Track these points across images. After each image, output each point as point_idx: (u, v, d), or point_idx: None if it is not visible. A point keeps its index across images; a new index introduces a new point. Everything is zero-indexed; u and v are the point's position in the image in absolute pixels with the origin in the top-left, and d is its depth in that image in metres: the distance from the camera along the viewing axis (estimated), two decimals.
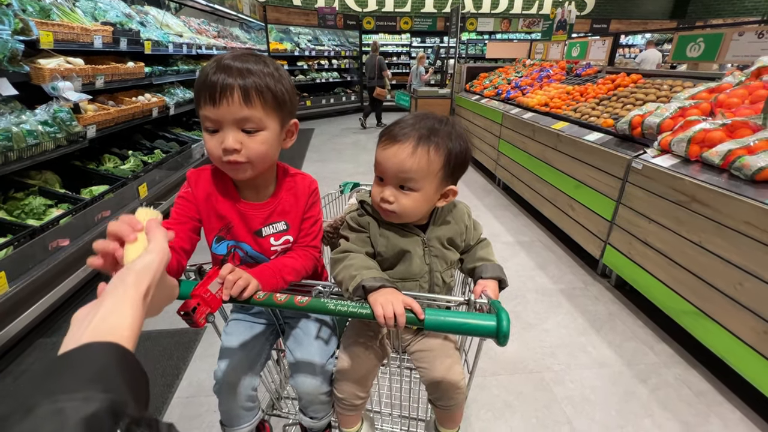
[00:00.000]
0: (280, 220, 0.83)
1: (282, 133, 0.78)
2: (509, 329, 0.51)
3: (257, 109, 0.68)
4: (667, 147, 1.87)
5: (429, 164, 0.73)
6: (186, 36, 4.43)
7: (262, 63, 0.71)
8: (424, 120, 0.77)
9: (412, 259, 0.82)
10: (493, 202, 3.57)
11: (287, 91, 0.74)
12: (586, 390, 1.56)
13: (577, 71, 3.77)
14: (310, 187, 0.87)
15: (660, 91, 2.49)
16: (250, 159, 0.70)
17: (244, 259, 0.85)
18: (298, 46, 7.78)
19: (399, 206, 0.76)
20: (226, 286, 0.63)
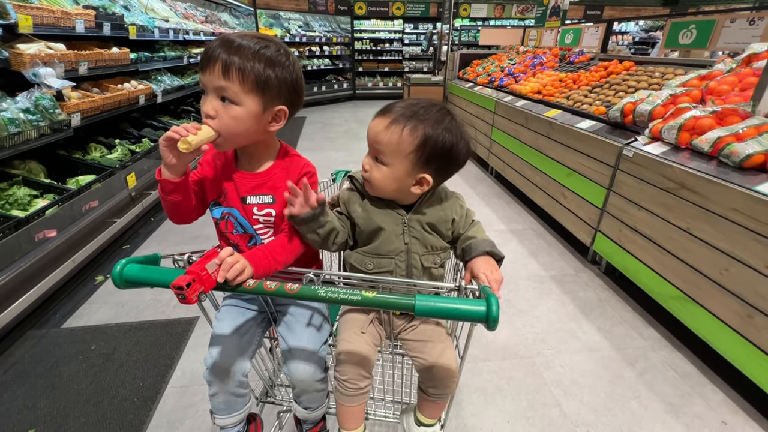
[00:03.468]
0: (268, 194, 0.86)
1: (265, 115, 0.79)
2: (498, 314, 0.51)
3: (234, 84, 0.72)
4: (658, 134, 1.88)
5: (399, 143, 0.75)
6: (172, 21, 4.30)
7: (263, 48, 0.74)
8: (419, 105, 0.77)
9: (387, 236, 0.83)
10: (485, 190, 3.58)
11: (278, 79, 0.75)
12: (575, 374, 1.60)
13: (570, 58, 3.76)
14: (303, 168, 0.88)
15: (652, 79, 2.50)
16: (220, 129, 0.75)
17: (235, 227, 0.88)
18: (288, 32, 7.61)
19: (371, 176, 0.79)
20: (224, 268, 0.64)
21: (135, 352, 1.70)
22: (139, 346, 1.73)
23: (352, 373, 0.84)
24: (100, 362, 1.65)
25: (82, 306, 1.97)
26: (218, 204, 0.88)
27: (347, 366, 0.83)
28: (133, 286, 0.61)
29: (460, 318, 0.53)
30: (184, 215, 0.86)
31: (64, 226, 2.01)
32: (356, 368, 0.83)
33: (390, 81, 9.07)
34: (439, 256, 0.89)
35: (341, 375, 0.85)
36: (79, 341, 1.75)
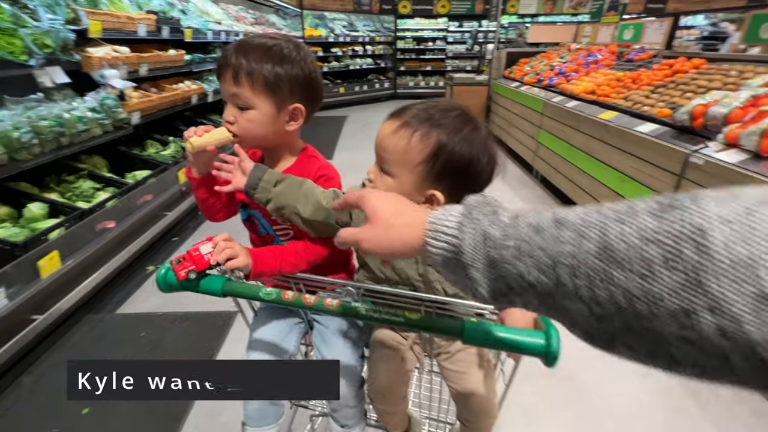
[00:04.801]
0: None
1: (281, 115, 0.78)
2: (560, 349, 0.45)
3: (245, 89, 0.73)
4: (734, 140, 1.68)
5: (406, 151, 0.62)
6: (224, 23, 4.50)
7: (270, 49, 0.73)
8: (436, 107, 0.65)
9: (397, 263, 0.75)
10: (529, 195, 3.42)
11: (287, 78, 0.75)
12: (628, 401, 1.47)
13: (629, 56, 3.49)
14: (319, 171, 0.84)
15: (727, 78, 2.25)
16: (239, 133, 0.77)
17: (260, 231, 0.88)
18: (332, 32, 7.73)
19: (375, 188, 0.67)
20: (216, 251, 0.66)
21: (180, 341, 1.78)
22: (184, 336, 1.81)
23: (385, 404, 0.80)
24: (149, 348, 1.74)
25: (135, 294, 2.10)
26: (245, 206, 0.89)
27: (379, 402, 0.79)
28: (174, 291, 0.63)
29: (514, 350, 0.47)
30: (212, 213, 0.89)
31: (122, 217, 2.14)
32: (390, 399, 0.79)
33: (432, 80, 8.95)
34: None
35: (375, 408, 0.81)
36: (130, 327, 1.86)
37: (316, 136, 5.67)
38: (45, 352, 1.70)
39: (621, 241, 0.27)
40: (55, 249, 1.68)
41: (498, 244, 0.33)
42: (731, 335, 0.23)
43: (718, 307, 0.23)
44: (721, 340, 0.23)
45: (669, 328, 0.25)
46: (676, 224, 0.25)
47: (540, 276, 0.31)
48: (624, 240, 0.27)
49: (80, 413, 1.42)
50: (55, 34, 1.90)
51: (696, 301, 0.24)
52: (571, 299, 0.30)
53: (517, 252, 0.32)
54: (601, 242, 0.28)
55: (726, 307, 0.23)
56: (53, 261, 1.67)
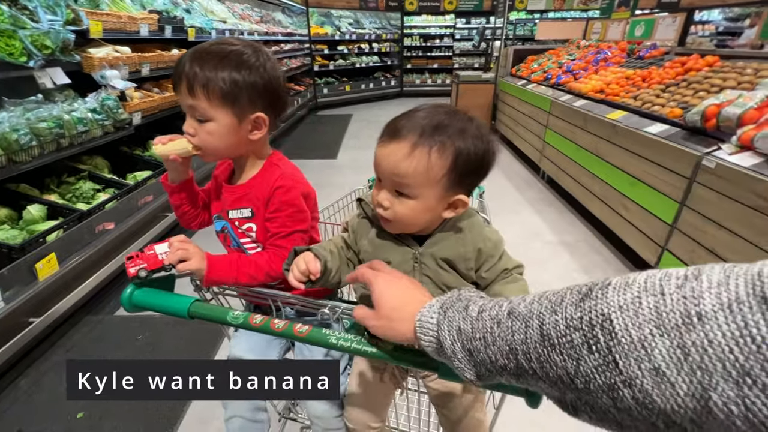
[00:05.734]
0: (248, 207, 0.82)
1: (243, 126, 0.75)
2: None
3: (201, 101, 0.70)
4: (749, 143, 1.61)
5: (428, 169, 0.61)
6: (229, 22, 4.49)
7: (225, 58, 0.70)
8: (433, 114, 0.63)
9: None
10: (535, 196, 3.35)
11: (247, 87, 0.71)
12: None
13: (640, 53, 3.40)
14: (276, 182, 0.78)
15: (742, 77, 2.16)
16: (201, 145, 0.74)
17: (231, 244, 0.86)
18: (338, 29, 7.69)
19: (393, 213, 0.65)
20: (170, 252, 0.66)
21: (178, 343, 1.78)
22: (182, 338, 1.80)
23: (359, 422, 0.75)
24: (148, 350, 1.73)
25: None
26: (220, 217, 0.87)
27: (355, 411, 0.75)
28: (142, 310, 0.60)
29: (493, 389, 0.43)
30: (187, 220, 0.89)
31: (122, 219, 2.14)
32: (365, 415, 0.75)
33: (438, 78, 8.87)
34: None
35: (348, 422, 0.77)
36: (129, 329, 1.86)
37: (320, 134, 5.65)
38: (43, 354, 1.70)
39: (554, 329, 0.33)
40: (53, 251, 1.68)
41: (469, 337, 0.40)
42: (647, 405, 0.27)
43: (630, 381, 0.27)
44: (642, 409, 0.27)
45: (605, 400, 0.29)
46: (591, 312, 0.30)
47: (505, 361, 0.37)
48: (556, 328, 0.32)
49: (75, 417, 1.42)
50: (54, 35, 1.89)
51: (615, 378, 0.28)
52: (532, 377, 0.35)
53: (485, 342, 0.39)
54: (540, 330, 0.34)
55: (636, 381, 0.27)
56: (51, 263, 1.67)
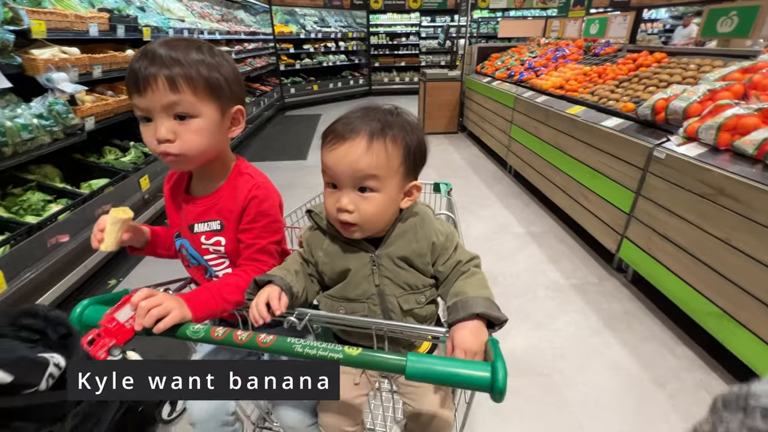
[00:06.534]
0: (216, 219, 0.77)
1: (224, 122, 0.72)
2: (506, 384, 0.43)
3: (187, 95, 0.65)
4: (694, 134, 1.72)
5: (389, 159, 0.65)
6: (188, 21, 4.32)
7: (194, 50, 0.67)
8: (373, 112, 0.67)
9: (353, 277, 0.72)
10: (503, 191, 3.45)
11: (225, 78, 0.69)
12: (599, 394, 1.49)
13: (596, 50, 3.55)
14: (251, 192, 0.75)
15: (686, 72, 2.31)
16: (183, 151, 0.68)
17: (189, 259, 0.82)
18: (303, 28, 7.57)
19: (360, 216, 0.65)
20: (139, 314, 0.56)
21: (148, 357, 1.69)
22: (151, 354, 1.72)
23: (332, 426, 0.75)
24: None
25: None
26: (178, 235, 0.82)
27: (328, 416, 0.75)
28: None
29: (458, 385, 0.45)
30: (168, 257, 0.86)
31: (77, 230, 2.02)
32: (339, 419, 0.75)
33: (406, 76, 8.92)
34: (424, 294, 0.75)
35: (323, 428, 0.76)
36: None
37: (289, 135, 5.55)
38: None
39: None
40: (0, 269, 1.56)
41: None
42: None
43: None
44: None
45: None
46: None
47: None
48: None
49: None
50: None
51: None
52: None
53: None
54: None
55: None
56: None
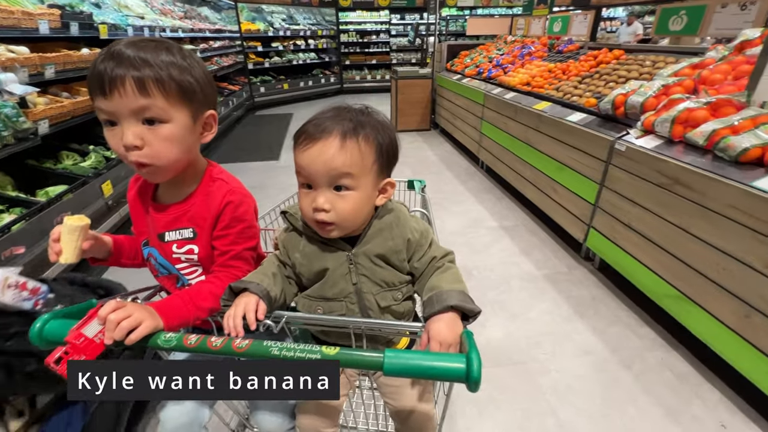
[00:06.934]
0: (188, 227, 0.74)
1: (196, 127, 0.70)
2: (480, 374, 0.44)
3: (157, 99, 0.62)
4: (651, 127, 1.82)
5: (362, 157, 0.65)
6: (148, 18, 4.14)
7: (164, 51, 0.64)
8: (344, 112, 0.68)
9: (331, 276, 0.73)
10: (476, 186, 3.52)
11: (197, 81, 0.67)
12: (570, 379, 1.55)
13: (559, 47, 3.68)
14: (225, 197, 0.73)
15: (643, 68, 2.43)
16: (153, 160, 0.64)
17: (158, 269, 0.79)
18: (271, 26, 7.42)
19: (337, 214, 0.65)
20: (108, 328, 0.53)
21: None
22: None
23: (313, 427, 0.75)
24: None
25: None
26: (146, 244, 0.79)
27: (306, 418, 0.75)
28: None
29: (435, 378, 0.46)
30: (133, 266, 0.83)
31: (34, 241, 1.90)
32: (317, 420, 0.75)
33: (378, 74, 8.93)
34: (400, 291, 0.76)
35: (301, 430, 0.76)
36: None
37: (260, 135, 5.43)
38: None
39: None
40: None
41: None
42: None
43: None
44: None
45: None
46: None
47: None
48: None
49: None
50: None
51: None
52: None
53: None
54: None
55: None
56: None
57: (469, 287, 0.67)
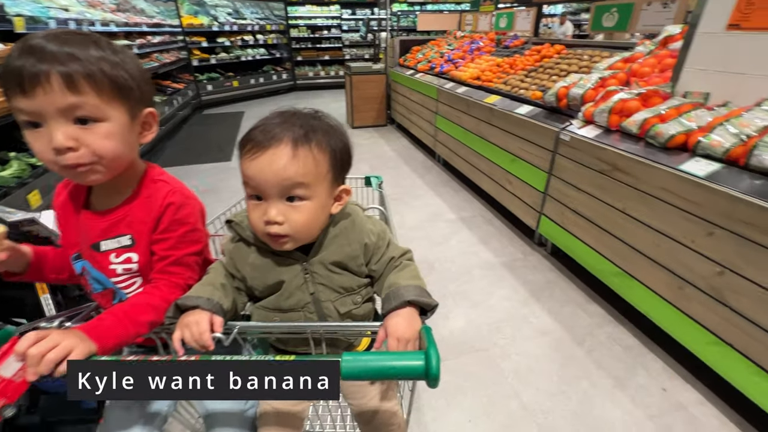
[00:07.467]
0: (126, 234, 0.69)
1: (134, 126, 0.65)
2: (439, 370, 0.44)
3: (90, 96, 0.57)
4: (591, 118, 1.93)
5: (316, 165, 0.62)
6: (73, 10, 3.79)
7: (92, 45, 0.58)
8: (293, 118, 0.64)
9: (287, 288, 0.70)
10: (434, 180, 3.58)
11: (132, 77, 0.61)
12: (530, 360, 1.62)
13: (506, 43, 3.81)
14: (166, 198, 0.69)
15: (582, 62, 2.58)
16: (95, 157, 0.59)
17: (94, 288, 0.72)
18: (216, 20, 7.06)
19: (291, 226, 0.62)
20: (31, 363, 0.46)
21: None
22: None
23: None
24: None
25: None
26: (78, 257, 0.72)
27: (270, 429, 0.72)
28: None
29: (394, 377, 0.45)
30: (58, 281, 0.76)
31: None
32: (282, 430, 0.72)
33: (332, 70, 8.80)
34: (359, 294, 0.75)
35: None
36: None
37: (210, 136, 5.17)
38: None
39: None
40: None
41: None
42: None
43: None
44: None
45: None
46: None
47: None
48: None
49: None
50: None
51: None
52: None
53: None
54: None
55: None
56: None
57: (431, 280, 0.68)
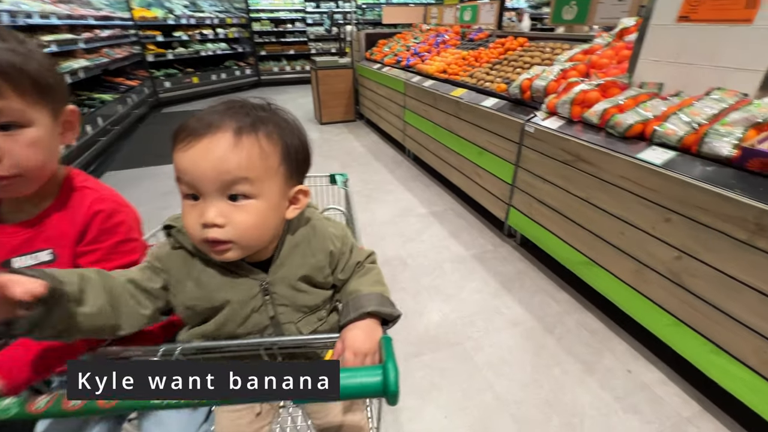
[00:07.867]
0: (45, 248, 0.62)
1: (56, 126, 0.59)
2: (398, 385, 0.40)
3: (11, 100, 0.50)
4: (554, 109, 1.96)
5: (264, 157, 0.53)
6: (7, 1, 3.46)
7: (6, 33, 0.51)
8: (238, 107, 0.55)
9: (240, 313, 0.60)
10: (404, 174, 3.56)
11: (49, 71, 0.55)
12: (503, 352, 1.64)
13: (470, 36, 3.83)
14: (92, 207, 0.62)
15: (544, 54, 2.62)
16: (18, 169, 0.53)
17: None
18: (171, 13, 6.69)
19: (234, 230, 0.52)
20: None
21: None
22: None
23: None
24: None
25: None
26: None
27: None
28: None
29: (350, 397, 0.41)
30: None
31: None
32: None
33: (297, 64, 8.58)
34: (324, 309, 0.69)
35: None
36: None
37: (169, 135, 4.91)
38: None
39: None
40: None
41: None
42: None
43: None
44: None
45: None
46: None
47: None
48: None
49: None
50: None
51: None
52: None
53: None
54: None
55: None
56: None
57: (404, 276, 0.65)
